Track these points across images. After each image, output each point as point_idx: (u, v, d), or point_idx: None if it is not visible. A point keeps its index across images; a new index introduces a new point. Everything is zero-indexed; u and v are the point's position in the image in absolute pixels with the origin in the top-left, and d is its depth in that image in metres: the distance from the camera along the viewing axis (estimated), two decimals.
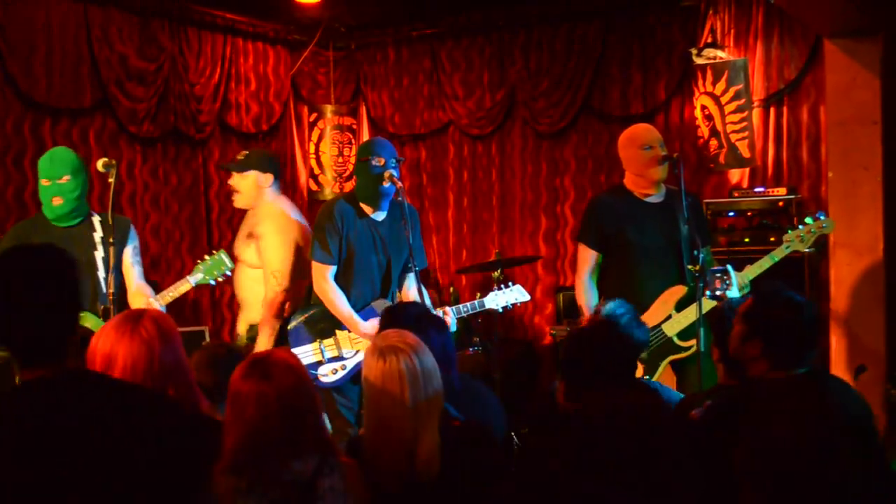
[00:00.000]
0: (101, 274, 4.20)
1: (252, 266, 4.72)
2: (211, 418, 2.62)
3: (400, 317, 3.32)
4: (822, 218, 4.44)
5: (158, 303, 4.15)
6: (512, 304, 4.72)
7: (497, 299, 4.70)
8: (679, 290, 4.43)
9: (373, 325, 4.36)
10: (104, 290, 4.15)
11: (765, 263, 4.37)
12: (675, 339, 4.41)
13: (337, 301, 4.45)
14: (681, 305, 4.41)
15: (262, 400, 2.39)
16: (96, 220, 4.33)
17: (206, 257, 4.33)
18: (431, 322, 3.37)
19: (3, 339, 2.10)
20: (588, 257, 4.63)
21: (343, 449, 2.70)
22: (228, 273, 4.36)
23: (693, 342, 4.27)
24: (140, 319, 2.60)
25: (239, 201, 4.86)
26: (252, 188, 4.82)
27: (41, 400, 2.03)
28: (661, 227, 4.49)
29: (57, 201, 4.22)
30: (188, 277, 4.26)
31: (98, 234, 4.26)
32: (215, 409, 2.81)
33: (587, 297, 4.58)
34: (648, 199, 4.59)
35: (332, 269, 4.48)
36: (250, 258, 4.73)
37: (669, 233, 4.47)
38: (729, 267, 4.00)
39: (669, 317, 4.43)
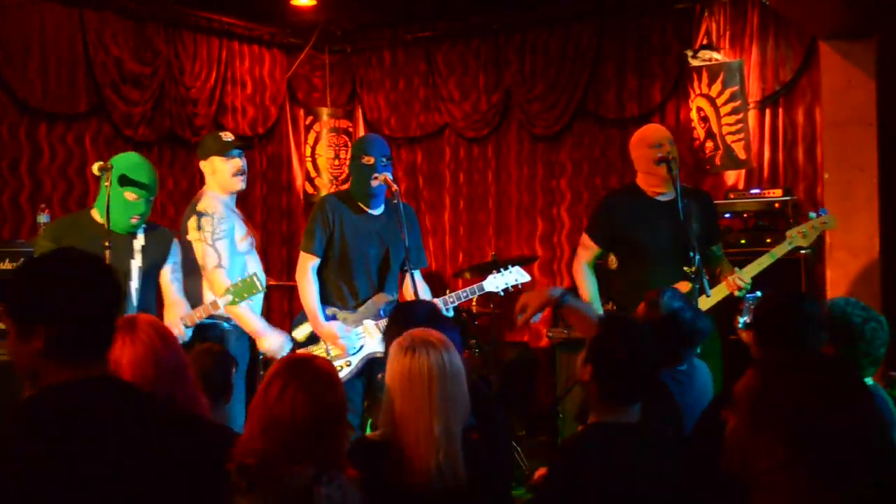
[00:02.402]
0: (134, 284, 4.06)
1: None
2: (219, 424, 2.61)
3: (411, 315, 3.28)
4: (824, 214, 4.47)
5: (185, 322, 4.00)
6: (512, 286, 4.68)
7: (496, 282, 4.66)
8: (682, 287, 4.42)
9: (330, 328, 4.40)
10: (134, 302, 4.04)
11: (765, 261, 4.40)
12: None
13: (308, 292, 4.51)
14: None
15: (300, 408, 2.32)
16: (140, 231, 4.18)
17: (239, 279, 4.15)
18: (442, 321, 3.32)
19: (63, 327, 1.99)
20: (589, 249, 4.67)
21: (352, 454, 2.68)
22: (260, 295, 4.26)
23: None
24: (135, 325, 2.59)
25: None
26: None
27: (89, 401, 1.98)
28: (671, 227, 4.47)
29: (135, 220, 4.09)
30: (218, 299, 4.10)
31: (139, 243, 4.13)
32: (213, 410, 2.80)
33: (587, 283, 4.62)
34: (660, 198, 4.57)
35: (316, 260, 4.53)
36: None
37: (679, 232, 4.44)
38: (752, 297, 3.95)
39: None
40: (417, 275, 4.64)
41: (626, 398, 2.77)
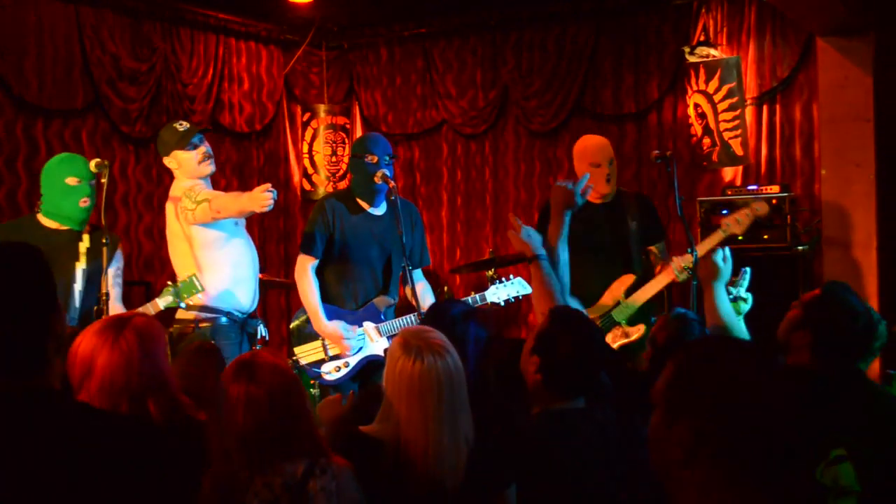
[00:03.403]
0: (78, 287, 4.13)
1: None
2: (194, 422, 2.59)
3: (443, 315, 3.22)
4: (758, 199, 4.81)
5: None
6: (514, 298, 4.68)
7: (498, 293, 4.66)
8: (628, 279, 4.58)
9: (334, 327, 4.39)
10: (76, 303, 4.10)
11: (700, 249, 4.38)
12: (624, 325, 4.54)
13: (309, 291, 4.49)
14: (629, 292, 4.56)
15: (252, 403, 2.35)
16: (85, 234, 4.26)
17: (178, 281, 4.19)
18: (473, 316, 3.32)
19: None
20: None
21: (345, 445, 2.67)
22: (200, 297, 4.22)
23: (640, 328, 4.51)
24: (123, 329, 2.55)
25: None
26: None
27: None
28: (607, 225, 4.64)
29: (85, 202, 4.16)
30: (157, 300, 4.13)
31: (84, 245, 4.18)
32: (201, 410, 2.78)
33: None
34: (597, 201, 4.69)
35: (314, 261, 4.52)
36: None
37: (616, 231, 4.63)
38: (748, 269, 4.01)
39: (618, 303, 4.55)
40: (419, 274, 4.63)
41: (570, 391, 2.78)
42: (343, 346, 4.43)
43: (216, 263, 4.37)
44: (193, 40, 7.19)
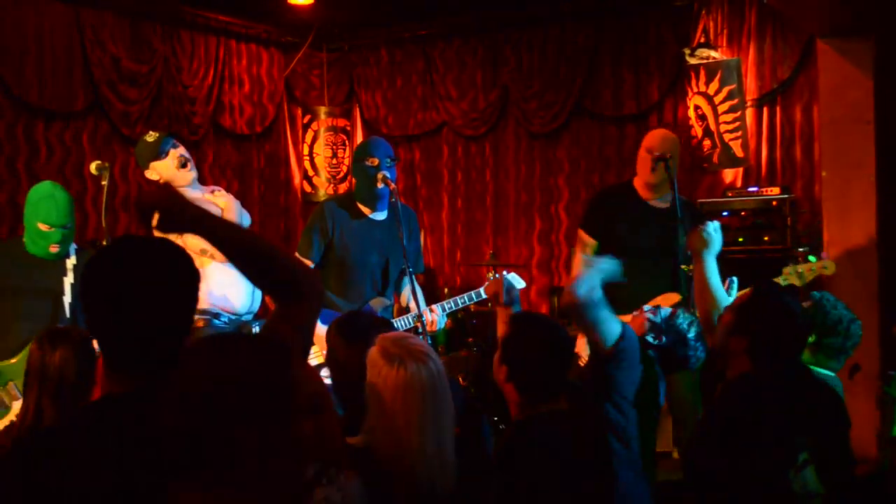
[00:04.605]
0: (67, 299, 4.15)
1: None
2: None
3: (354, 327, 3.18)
4: (825, 259, 4.53)
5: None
6: None
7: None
8: (673, 297, 4.38)
9: (320, 330, 4.38)
10: (67, 314, 4.11)
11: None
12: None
13: None
14: None
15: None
16: (73, 249, 4.29)
17: None
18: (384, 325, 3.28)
19: (108, 340, 1.80)
20: (584, 243, 4.70)
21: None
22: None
23: None
24: None
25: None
26: None
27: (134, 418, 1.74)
28: (657, 231, 4.48)
29: (55, 248, 4.12)
30: None
31: (72, 262, 4.20)
32: None
33: None
34: (651, 203, 4.60)
35: (310, 265, 4.47)
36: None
37: (665, 239, 4.45)
38: (734, 279, 3.97)
39: None
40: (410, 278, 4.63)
41: (543, 395, 2.81)
42: None
43: (210, 266, 4.39)
44: (194, 42, 7.19)
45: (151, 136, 4.40)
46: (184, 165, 4.36)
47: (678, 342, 3.49)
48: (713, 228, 3.53)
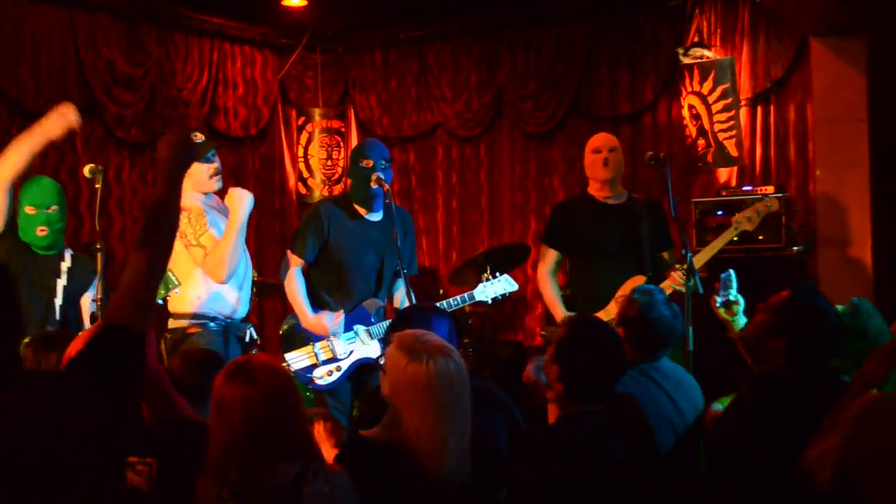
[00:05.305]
0: (58, 301, 4.22)
1: None
2: (194, 422, 2.59)
3: (409, 318, 3.26)
4: (767, 197, 4.78)
5: None
6: (502, 295, 4.70)
7: (486, 291, 4.68)
8: (639, 280, 4.56)
9: (318, 319, 4.40)
10: (57, 316, 4.16)
11: (717, 245, 4.61)
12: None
13: (294, 287, 4.52)
14: None
15: (247, 404, 2.33)
16: (68, 253, 4.37)
17: None
18: (435, 310, 3.43)
19: None
20: (548, 255, 4.88)
21: (343, 450, 2.64)
22: (176, 291, 4.21)
23: None
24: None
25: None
26: None
27: None
28: (619, 227, 4.70)
29: (42, 231, 4.22)
30: None
31: (66, 265, 4.29)
32: (198, 413, 2.78)
33: (551, 289, 4.81)
34: (609, 202, 4.79)
35: (303, 264, 4.56)
36: None
37: (627, 233, 4.69)
38: (731, 272, 4.00)
39: None
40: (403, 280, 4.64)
41: (591, 397, 2.88)
42: (325, 329, 4.42)
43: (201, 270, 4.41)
44: (188, 45, 7.19)
45: (199, 137, 4.52)
46: (214, 175, 4.52)
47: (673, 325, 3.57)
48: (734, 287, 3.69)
